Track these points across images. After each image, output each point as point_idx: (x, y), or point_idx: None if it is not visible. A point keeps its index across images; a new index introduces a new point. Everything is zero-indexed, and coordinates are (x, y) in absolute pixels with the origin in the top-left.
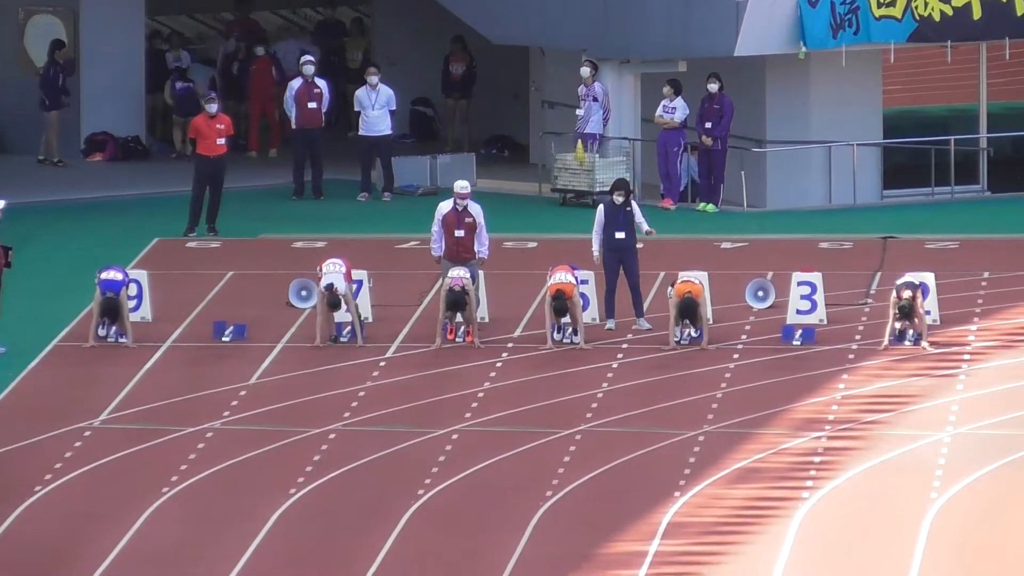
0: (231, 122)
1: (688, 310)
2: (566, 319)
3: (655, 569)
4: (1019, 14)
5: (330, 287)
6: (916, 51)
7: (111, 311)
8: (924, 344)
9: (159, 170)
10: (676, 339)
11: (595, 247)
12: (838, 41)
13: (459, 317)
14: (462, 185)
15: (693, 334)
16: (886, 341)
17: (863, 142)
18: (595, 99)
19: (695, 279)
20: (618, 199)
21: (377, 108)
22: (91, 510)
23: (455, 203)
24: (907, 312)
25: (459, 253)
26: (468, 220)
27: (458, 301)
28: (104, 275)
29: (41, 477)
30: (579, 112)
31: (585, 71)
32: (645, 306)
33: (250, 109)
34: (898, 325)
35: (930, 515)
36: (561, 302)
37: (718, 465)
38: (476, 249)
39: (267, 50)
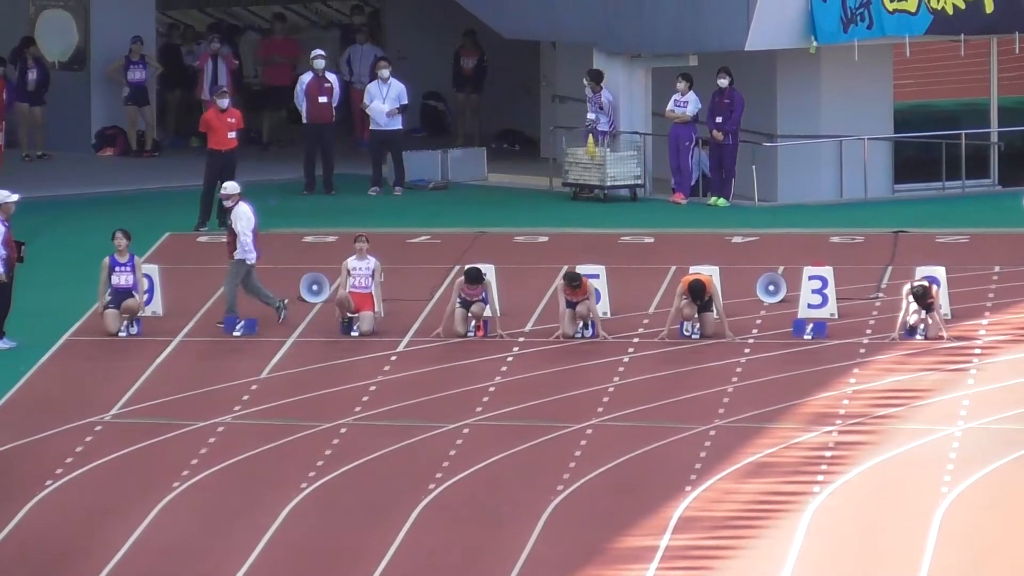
0: (241, 116)
1: (697, 291)
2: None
3: (667, 564)
4: None
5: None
6: (927, 45)
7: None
8: (943, 334)
9: (170, 164)
10: (687, 333)
11: None
12: (849, 35)
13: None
14: (225, 186)
15: (697, 329)
16: (895, 334)
17: (874, 136)
18: (600, 107)
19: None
20: None
21: (388, 102)
22: (102, 505)
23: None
24: (921, 296)
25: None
26: (229, 222)
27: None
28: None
29: (52, 472)
30: (590, 116)
31: (586, 82)
32: (656, 301)
33: None
34: (911, 320)
35: (941, 509)
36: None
37: (730, 459)
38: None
39: (4, 65)
